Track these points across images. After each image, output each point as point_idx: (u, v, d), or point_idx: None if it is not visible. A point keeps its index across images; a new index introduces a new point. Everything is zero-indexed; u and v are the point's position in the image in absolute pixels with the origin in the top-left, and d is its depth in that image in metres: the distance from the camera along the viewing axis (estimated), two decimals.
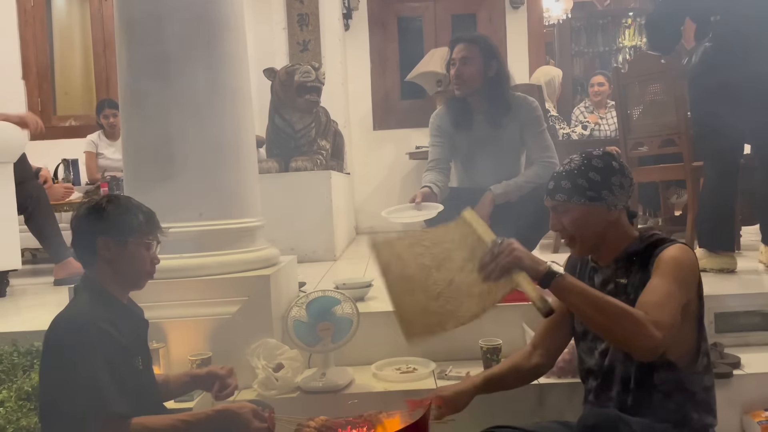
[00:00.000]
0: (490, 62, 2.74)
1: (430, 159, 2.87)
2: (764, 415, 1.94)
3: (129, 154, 2.35)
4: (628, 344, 1.40)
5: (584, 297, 1.39)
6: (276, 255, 2.45)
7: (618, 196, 1.55)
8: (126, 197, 1.64)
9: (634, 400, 1.53)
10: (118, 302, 1.59)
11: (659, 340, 1.35)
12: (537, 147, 2.73)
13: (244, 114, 2.38)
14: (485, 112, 2.78)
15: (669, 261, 1.47)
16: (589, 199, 1.54)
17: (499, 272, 1.39)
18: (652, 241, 1.57)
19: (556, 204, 1.58)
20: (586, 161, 1.57)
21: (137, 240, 1.56)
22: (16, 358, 1.99)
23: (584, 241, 1.59)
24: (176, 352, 2.11)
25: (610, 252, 1.59)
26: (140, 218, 1.57)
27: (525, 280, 1.36)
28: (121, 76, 2.33)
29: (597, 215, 1.55)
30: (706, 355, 1.57)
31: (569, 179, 1.56)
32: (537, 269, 1.39)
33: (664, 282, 1.44)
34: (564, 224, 1.58)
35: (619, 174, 1.56)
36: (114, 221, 1.54)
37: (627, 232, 1.60)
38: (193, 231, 2.20)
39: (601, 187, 1.54)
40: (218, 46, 2.28)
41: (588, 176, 1.55)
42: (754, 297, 2.33)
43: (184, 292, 2.15)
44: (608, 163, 1.57)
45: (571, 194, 1.55)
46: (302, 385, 2.07)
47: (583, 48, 8.12)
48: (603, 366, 1.58)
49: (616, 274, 1.58)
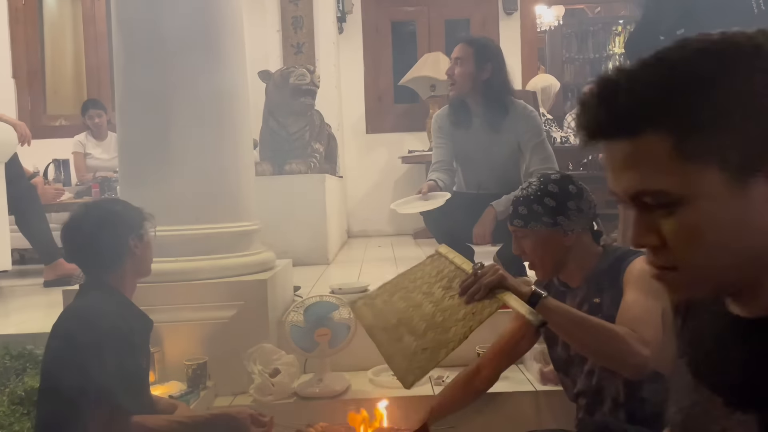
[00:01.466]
0: (484, 65, 2.73)
1: (434, 161, 2.87)
2: None
3: (124, 156, 2.33)
4: (617, 363, 1.37)
5: (570, 318, 1.38)
6: (272, 259, 2.44)
7: (574, 221, 1.55)
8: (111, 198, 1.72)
9: (626, 413, 1.53)
10: (128, 301, 1.62)
11: (647, 356, 1.33)
12: (537, 157, 2.71)
13: (241, 116, 2.37)
14: (482, 115, 2.77)
15: (637, 274, 1.47)
16: (545, 225, 1.54)
17: (484, 291, 1.38)
18: (618, 255, 1.56)
19: (515, 229, 1.61)
20: (543, 186, 1.57)
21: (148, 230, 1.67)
22: (8, 362, 1.96)
23: (544, 265, 1.60)
24: (171, 357, 2.09)
25: (578, 273, 1.60)
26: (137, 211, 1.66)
27: (511, 298, 1.35)
28: (117, 78, 2.32)
29: (554, 240, 1.55)
30: None
31: (525, 205, 1.57)
32: (521, 290, 1.37)
33: (638, 295, 1.43)
34: (524, 249, 1.60)
35: (576, 198, 1.56)
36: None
37: (590, 251, 1.59)
38: (189, 234, 2.19)
39: (556, 212, 1.54)
40: (216, 48, 2.27)
41: (543, 202, 1.55)
42: None
43: (179, 296, 2.14)
44: (564, 188, 1.56)
45: (528, 220, 1.56)
46: (299, 390, 2.06)
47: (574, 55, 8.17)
48: (591, 386, 1.58)
49: (589, 295, 1.57)
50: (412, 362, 1.38)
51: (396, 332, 1.49)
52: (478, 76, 2.73)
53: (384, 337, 1.51)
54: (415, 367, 1.36)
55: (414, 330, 1.45)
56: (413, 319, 1.48)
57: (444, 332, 1.38)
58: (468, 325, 1.35)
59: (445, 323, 1.40)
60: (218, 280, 2.19)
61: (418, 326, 1.45)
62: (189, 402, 1.90)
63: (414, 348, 1.40)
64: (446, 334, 1.37)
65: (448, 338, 1.36)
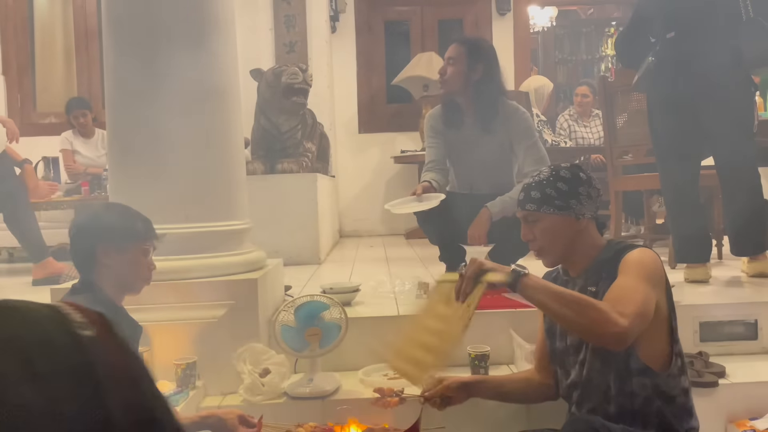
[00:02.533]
0: (475, 65, 2.73)
1: (427, 160, 2.86)
2: (749, 424, 1.96)
3: (114, 154, 2.31)
4: (595, 333, 1.43)
5: (549, 293, 1.44)
6: (263, 258, 2.43)
7: (585, 206, 1.60)
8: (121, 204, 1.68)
9: (616, 408, 1.55)
10: (117, 307, 1.60)
11: (625, 327, 1.38)
12: (530, 159, 2.71)
13: (232, 115, 2.35)
14: (473, 116, 2.77)
15: (631, 262, 1.53)
16: (558, 209, 1.59)
17: (470, 284, 1.46)
18: (619, 248, 1.61)
19: (527, 214, 1.63)
20: (555, 172, 1.62)
21: (136, 246, 1.60)
22: None
23: (554, 250, 1.63)
24: (161, 356, 2.07)
25: (581, 262, 1.64)
26: (139, 225, 1.61)
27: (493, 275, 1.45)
28: (107, 75, 2.29)
29: (565, 224, 1.59)
30: (680, 356, 1.59)
31: (538, 189, 1.61)
32: (502, 269, 1.46)
33: (626, 279, 1.49)
34: (534, 234, 1.63)
35: (586, 184, 1.61)
36: (113, 228, 1.57)
37: (595, 241, 1.64)
38: (179, 233, 2.16)
39: (568, 196, 1.59)
40: (207, 46, 2.25)
41: (556, 186, 1.60)
42: (738, 306, 2.36)
43: (169, 295, 2.12)
44: (576, 174, 1.62)
45: (540, 204, 1.60)
46: (289, 390, 2.04)
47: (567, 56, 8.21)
48: (583, 377, 1.61)
49: (587, 283, 1.61)
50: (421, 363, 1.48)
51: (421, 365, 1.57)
52: (469, 76, 2.73)
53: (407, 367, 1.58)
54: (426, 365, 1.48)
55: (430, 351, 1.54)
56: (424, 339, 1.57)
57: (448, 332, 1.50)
58: (465, 317, 1.45)
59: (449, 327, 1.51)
60: (208, 280, 2.17)
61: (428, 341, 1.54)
62: (178, 402, 1.88)
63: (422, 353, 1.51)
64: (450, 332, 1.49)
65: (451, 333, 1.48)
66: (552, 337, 1.72)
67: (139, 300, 2.01)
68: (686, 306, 2.29)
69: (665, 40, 2.71)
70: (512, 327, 2.25)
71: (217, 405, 2.02)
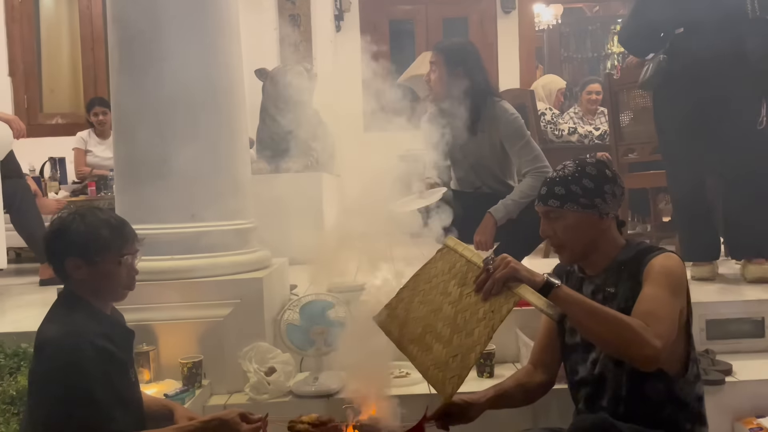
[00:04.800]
0: (455, 69, 2.73)
1: (427, 160, 2.88)
2: (755, 422, 1.95)
3: (120, 154, 2.32)
4: (628, 354, 1.39)
5: (583, 307, 1.39)
6: (268, 257, 2.43)
7: (610, 205, 1.56)
8: (94, 212, 1.57)
9: (625, 408, 1.52)
10: (103, 314, 1.55)
11: (658, 349, 1.35)
12: (525, 160, 2.70)
13: (237, 114, 2.36)
14: (460, 118, 2.78)
15: (659, 269, 1.48)
16: (582, 207, 1.54)
17: (498, 286, 1.39)
18: (641, 249, 1.57)
19: (549, 210, 1.58)
20: (580, 168, 1.57)
21: (107, 258, 1.52)
22: (2, 360, 1.95)
23: (574, 248, 1.59)
24: (167, 356, 2.08)
25: (600, 261, 1.59)
26: (108, 236, 1.51)
27: (527, 290, 1.36)
28: (113, 75, 2.30)
29: (588, 223, 1.55)
30: (696, 363, 1.57)
31: (563, 185, 1.56)
32: (534, 280, 1.38)
33: (657, 291, 1.44)
34: (555, 230, 1.58)
35: (611, 182, 1.57)
36: (81, 241, 1.49)
37: (616, 240, 1.60)
38: (184, 232, 2.18)
39: (594, 194, 1.55)
40: (212, 45, 2.26)
41: (582, 183, 1.55)
42: (745, 304, 2.35)
43: (175, 295, 2.13)
44: (602, 171, 1.57)
45: (564, 200, 1.55)
46: (294, 389, 2.05)
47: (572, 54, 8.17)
48: (594, 374, 1.58)
49: (606, 283, 1.57)
50: (446, 372, 1.40)
51: (424, 342, 1.50)
52: (450, 81, 2.74)
53: (414, 350, 1.51)
54: (451, 377, 1.38)
55: (440, 337, 1.46)
56: (437, 326, 1.49)
57: (468, 335, 1.40)
58: (490, 324, 1.37)
59: (467, 325, 1.42)
60: (213, 279, 2.17)
61: (443, 332, 1.47)
62: (184, 401, 1.89)
63: (445, 356, 1.42)
64: (471, 337, 1.39)
65: (474, 341, 1.38)
66: (562, 332, 1.69)
67: (145, 299, 2.03)
68: (692, 304, 2.26)
69: (674, 36, 2.68)
70: (518, 326, 2.25)
71: (223, 403, 2.03)
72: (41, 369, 1.43)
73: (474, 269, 1.48)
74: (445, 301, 1.52)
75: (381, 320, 1.64)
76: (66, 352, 1.39)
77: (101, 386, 1.38)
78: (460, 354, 1.39)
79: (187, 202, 2.19)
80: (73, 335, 1.42)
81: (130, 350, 1.61)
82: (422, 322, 1.53)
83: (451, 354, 1.41)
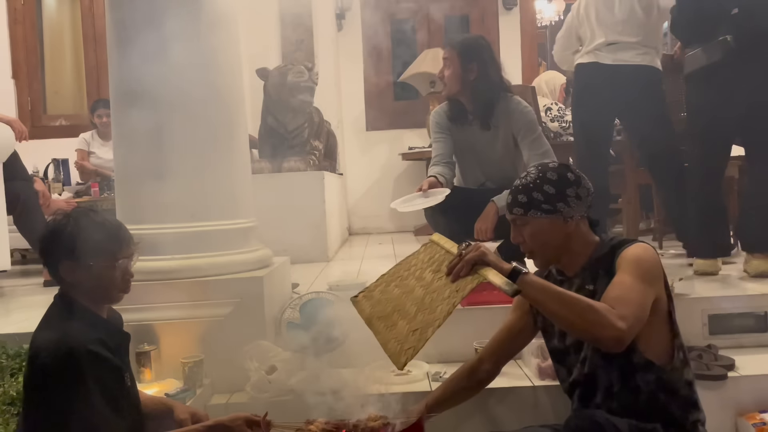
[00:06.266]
0: (469, 65, 2.72)
1: (433, 155, 2.86)
2: (758, 417, 1.94)
3: (120, 154, 2.32)
4: (593, 335, 1.42)
5: (548, 293, 1.44)
6: (269, 256, 2.44)
7: (574, 207, 1.58)
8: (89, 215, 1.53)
9: (619, 403, 1.54)
10: (98, 317, 1.53)
11: (623, 330, 1.38)
12: (535, 153, 2.70)
13: (237, 114, 2.36)
14: (474, 113, 2.78)
15: (630, 258, 1.52)
16: (545, 212, 1.57)
17: (466, 267, 1.45)
18: (614, 244, 1.60)
19: (514, 218, 1.62)
20: (542, 174, 1.60)
21: (101, 262, 1.49)
22: (4, 361, 1.96)
23: (544, 253, 1.62)
24: (168, 355, 2.09)
25: (575, 261, 1.62)
26: (102, 240, 1.48)
27: (490, 272, 1.42)
28: (112, 76, 2.31)
29: (554, 227, 1.58)
30: (681, 349, 1.59)
31: (525, 193, 1.59)
32: (502, 266, 1.44)
33: (625, 277, 1.48)
34: (524, 236, 1.61)
35: (575, 185, 1.59)
36: (74, 245, 1.46)
37: (588, 239, 1.62)
38: (185, 232, 2.18)
39: (556, 199, 1.57)
40: (211, 45, 2.26)
41: (543, 189, 1.58)
42: (748, 299, 2.34)
43: (176, 294, 2.13)
44: (563, 176, 1.59)
45: (528, 208, 1.59)
46: (295, 387, 2.04)
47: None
48: (585, 374, 1.59)
49: (584, 282, 1.60)
50: (404, 344, 1.45)
51: (390, 320, 1.55)
52: (465, 76, 2.73)
53: (380, 326, 1.57)
54: (407, 348, 1.43)
55: (406, 314, 1.52)
56: (406, 305, 1.55)
57: (431, 312, 1.46)
58: (451, 301, 1.44)
59: (432, 303, 1.48)
60: (214, 278, 2.18)
61: (410, 310, 1.52)
62: (185, 400, 1.89)
63: (405, 331, 1.47)
64: (433, 313, 1.45)
65: (435, 316, 1.44)
66: (550, 337, 1.71)
67: (146, 299, 2.03)
68: (695, 299, 2.28)
69: (730, 16, 2.63)
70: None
71: (224, 402, 2.04)
72: (35, 377, 1.42)
73: (450, 258, 1.54)
74: (417, 285, 1.58)
75: (356, 300, 1.72)
76: (60, 360, 1.37)
77: (96, 395, 1.37)
78: (420, 329, 1.44)
79: (187, 201, 2.19)
80: (67, 343, 1.40)
81: (125, 354, 1.58)
82: (393, 302, 1.60)
83: (411, 328, 1.46)
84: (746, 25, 2.58)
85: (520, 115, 2.73)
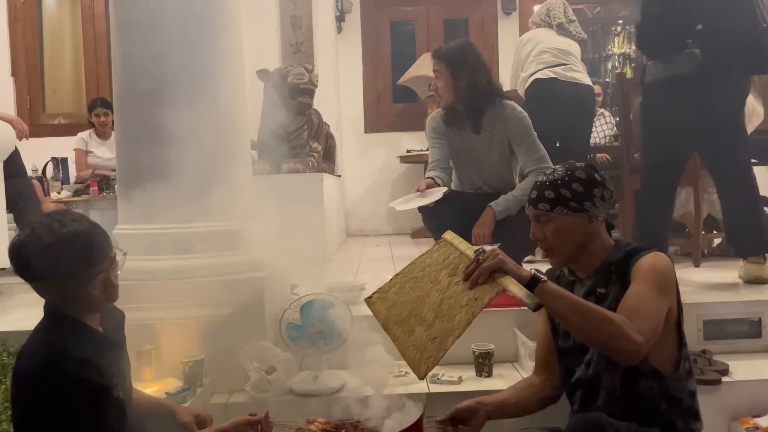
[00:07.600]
0: (459, 73, 2.74)
1: (430, 160, 2.89)
2: (752, 421, 1.96)
3: (123, 154, 2.33)
4: (610, 348, 1.42)
5: (567, 302, 1.42)
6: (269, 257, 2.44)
7: (599, 208, 1.58)
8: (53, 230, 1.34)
9: (620, 408, 1.54)
10: (86, 330, 1.41)
11: (641, 344, 1.38)
12: (530, 159, 2.72)
13: (238, 115, 2.37)
14: (468, 119, 2.79)
15: (647, 268, 1.51)
16: (572, 210, 1.57)
17: (484, 275, 1.44)
18: (629, 249, 1.59)
19: (539, 213, 1.61)
20: (570, 172, 1.60)
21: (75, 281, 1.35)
22: (6, 359, 1.97)
23: (563, 251, 1.61)
24: (168, 354, 2.09)
25: (590, 263, 1.62)
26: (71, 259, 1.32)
27: (510, 281, 1.41)
28: (115, 76, 2.32)
29: (578, 226, 1.58)
30: (687, 359, 1.59)
31: (553, 189, 1.59)
32: (521, 274, 1.42)
33: (642, 288, 1.48)
34: (545, 233, 1.61)
35: (601, 186, 1.60)
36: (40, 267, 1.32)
37: (605, 242, 1.63)
38: (186, 232, 2.19)
39: (584, 198, 1.57)
40: (214, 46, 2.27)
41: (572, 187, 1.57)
42: (742, 305, 2.36)
43: (176, 294, 2.14)
44: (591, 175, 1.60)
45: (555, 204, 1.58)
46: (295, 387, 2.06)
47: None
48: (589, 375, 1.60)
49: (597, 285, 1.60)
50: (424, 353, 1.43)
51: (408, 325, 1.54)
52: (456, 85, 2.75)
53: (398, 332, 1.55)
54: (427, 357, 1.42)
55: (423, 320, 1.50)
56: (422, 310, 1.53)
57: (450, 320, 1.44)
58: (471, 311, 1.42)
59: (450, 311, 1.46)
60: (215, 278, 2.19)
61: (427, 316, 1.51)
62: (185, 399, 1.90)
63: (425, 339, 1.46)
64: (452, 322, 1.43)
65: (454, 325, 1.42)
66: (556, 336, 1.71)
67: (146, 299, 2.04)
68: (690, 304, 2.29)
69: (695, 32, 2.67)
70: (516, 325, 2.27)
71: (224, 402, 2.05)
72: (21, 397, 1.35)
73: (465, 260, 1.53)
74: (433, 289, 1.56)
75: (371, 302, 1.69)
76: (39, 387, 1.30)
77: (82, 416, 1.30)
78: (439, 337, 1.43)
79: (188, 202, 2.20)
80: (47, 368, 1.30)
81: (115, 363, 1.45)
82: (409, 306, 1.58)
83: (430, 336, 1.45)
84: (711, 40, 2.63)
85: (515, 120, 2.75)
